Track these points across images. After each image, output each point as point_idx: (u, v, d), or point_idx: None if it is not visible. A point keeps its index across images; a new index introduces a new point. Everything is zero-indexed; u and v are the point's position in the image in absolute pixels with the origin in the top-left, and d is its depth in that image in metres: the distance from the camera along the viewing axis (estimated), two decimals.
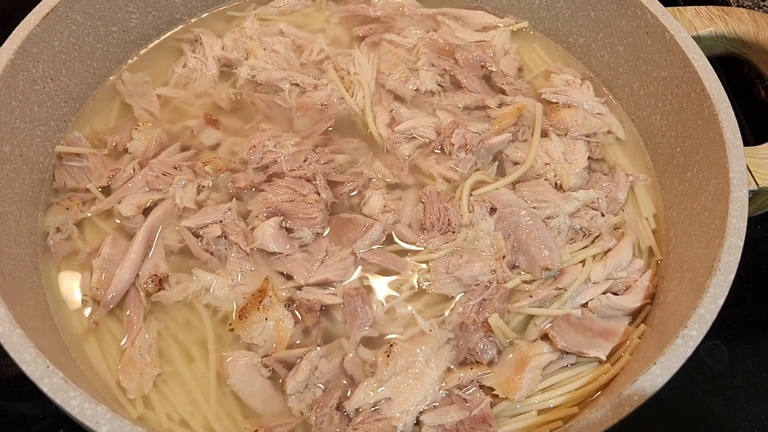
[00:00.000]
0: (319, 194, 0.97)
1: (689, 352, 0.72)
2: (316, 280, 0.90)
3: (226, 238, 0.93)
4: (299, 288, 0.90)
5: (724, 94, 0.91)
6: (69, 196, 0.98)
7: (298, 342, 0.87)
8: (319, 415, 0.80)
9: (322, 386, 0.83)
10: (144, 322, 0.88)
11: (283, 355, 0.84)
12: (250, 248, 0.92)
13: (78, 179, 1.00)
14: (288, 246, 0.93)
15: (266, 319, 0.85)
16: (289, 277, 0.91)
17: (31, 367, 0.68)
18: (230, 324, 0.87)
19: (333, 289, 0.91)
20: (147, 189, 0.99)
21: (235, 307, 0.88)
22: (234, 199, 0.97)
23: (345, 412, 0.81)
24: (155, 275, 0.91)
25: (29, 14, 0.97)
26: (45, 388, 0.67)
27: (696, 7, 1.06)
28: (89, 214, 0.96)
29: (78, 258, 0.93)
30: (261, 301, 0.85)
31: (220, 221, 0.94)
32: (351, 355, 0.85)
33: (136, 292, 0.90)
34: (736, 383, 0.98)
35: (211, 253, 0.93)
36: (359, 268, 0.93)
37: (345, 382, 0.84)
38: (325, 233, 0.96)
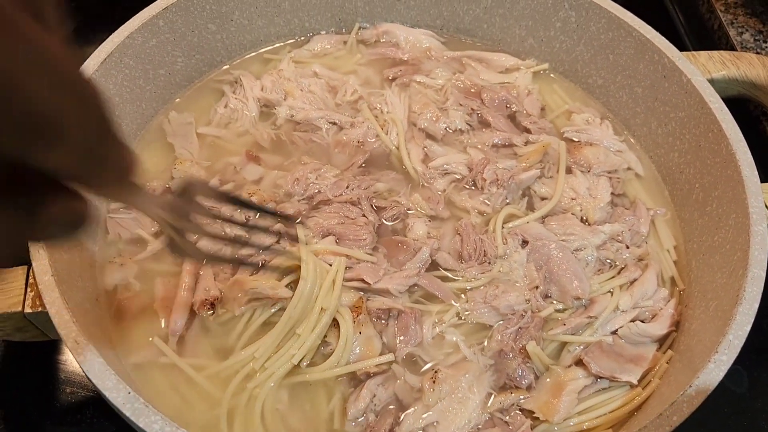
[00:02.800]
0: (366, 217, 1.03)
1: (721, 375, 0.78)
2: (381, 286, 0.96)
3: None
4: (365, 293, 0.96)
5: (740, 134, 0.98)
6: (119, 252, 1.02)
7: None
8: None
9: (375, 412, 0.88)
10: None
11: (373, 371, 0.90)
12: None
13: (131, 228, 1.04)
14: (347, 260, 0.99)
15: (360, 333, 0.91)
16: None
17: (113, 393, 0.72)
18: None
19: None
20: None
21: None
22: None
23: None
24: (206, 299, 0.95)
25: (88, 59, 1.03)
26: (128, 413, 0.71)
27: (709, 52, 1.14)
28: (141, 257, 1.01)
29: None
30: (357, 316, 0.91)
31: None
32: (400, 381, 0.90)
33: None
34: (757, 406, 1.04)
35: None
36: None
37: (392, 407, 0.89)
38: (381, 253, 1.01)
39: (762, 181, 0.99)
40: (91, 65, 1.02)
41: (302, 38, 1.33)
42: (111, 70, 1.06)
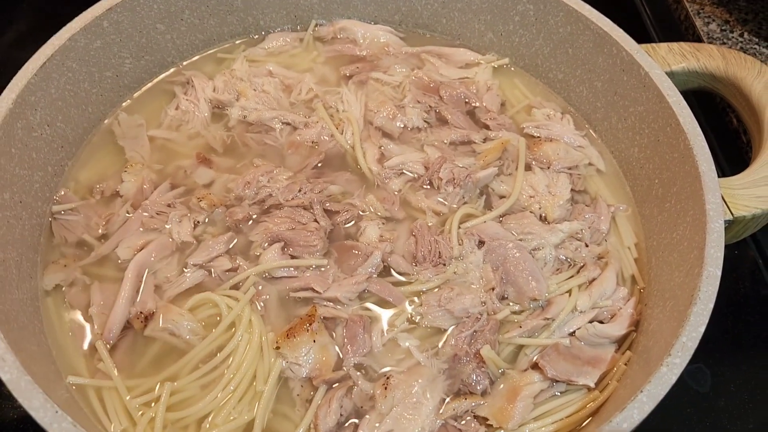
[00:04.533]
0: (317, 222, 1.01)
1: (674, 379, 0.75)
2: (330, 294, 0.94)
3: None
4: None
5: (698, 129, 0.96)
6: (63, 254, 1.00)
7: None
8: None
9: (339, 423, 0.86)
10: None
11: (329, 377, 0.88)
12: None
13: (77, 231, 1.01)
14: (294, 270, 0.97)
15: (314, 341, 0.89)
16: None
17: (40, 413, 0.70)
18: (277, 342, 0.89)
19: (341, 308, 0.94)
20: (142, 230, 1.02)
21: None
22: (230, 231, 1.01)
23: None
24: (141, 312, 0.93)
25: (27, 63, 0.99)
26: None
27: (669, 43, 1.11)
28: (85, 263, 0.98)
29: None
30: (311, 324, 0.89)
31: (227, 253, 0.98)
32: (356, 388, 0.87)
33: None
34: (720, 405, 1.02)
35: None
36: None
37: (357, 421, 0.86)
38: (332, 259, 0.99)
39: (731, 173, 0.97)
40: (29, 69, 0.99)
41: (257, 36, 1.30)
42: (52, 73, 1.02)
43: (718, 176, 0.92)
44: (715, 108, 1.36)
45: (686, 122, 0.96)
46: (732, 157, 1.29)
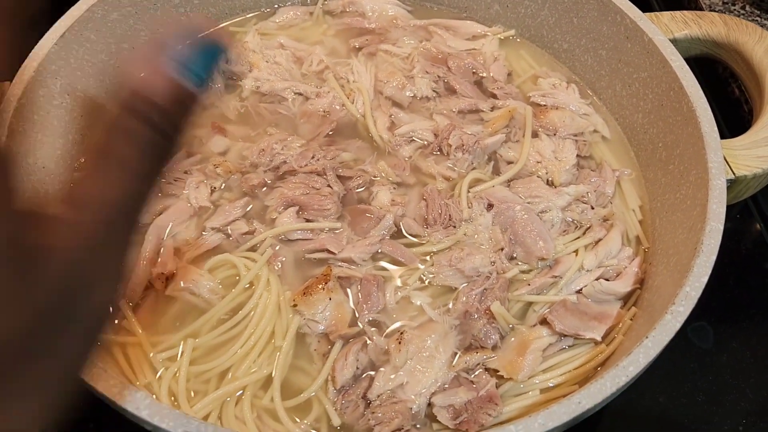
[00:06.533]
0: (331, 187, 1.03)
1: (678, 326, 0.78)
2: (345, 255, 0.97)
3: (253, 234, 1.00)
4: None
5: (701, 92, 0.99)
6: None
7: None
8: (346, 401, 0.86)
9: (355, 376, 0.89)
10: None
11: (345, 332, 0.91)
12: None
13: None
14: (309, 233, 1.00)
15: (330, 299, 0.92)
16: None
17: None
18: (294, 300, 0.93)
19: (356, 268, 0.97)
20: (161, 195, 1.05)
21: None
22: (246, 196, 1.04)
23: (368, 400, 0.87)
24: (162, 273, 0.96)
25: (47, 33, 1.02)
26: (85, 378, 0.71)
27: (671, 12, 1.14)
28: None
29: None
30: (326, 283, 0.92)
31: (243, 217, 1.01)
32: (371, 344, 0.90)
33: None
34: (722, 361, 1.05)
35: None
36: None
37: (373, 373, 0.89)
38: (346, 222, 1.02)
39: (732, 138, 1.00)
40: (50, 39, 1.01)
41: (268, 10, 1.32)
42: (71, 44, 1.05)
43: (721, 139, 0.95)
44: (718, 78, 1.38)
45: (689, 85, 0.99)
46: (734, 125, 1.31)
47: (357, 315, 0.94)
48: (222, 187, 1.06)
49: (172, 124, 0.59)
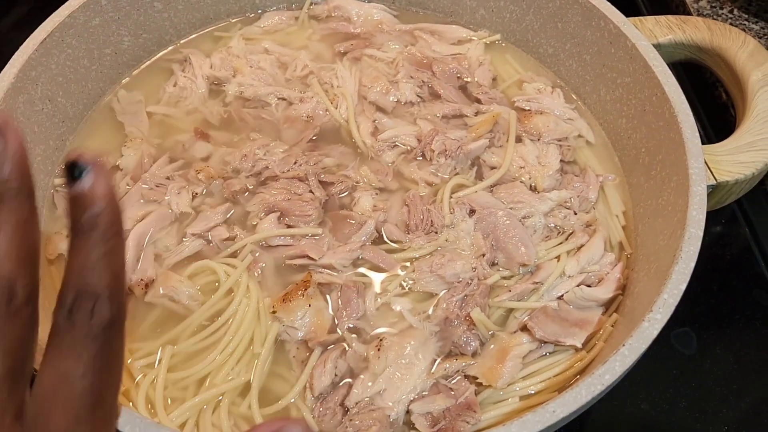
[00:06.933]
0: (313, 193, 1.03)
1: (654, 333, 0.78)
2: (325, 261, 0.97)
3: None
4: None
5: (683, 97, 0.98)
6: (65, 224, 1.02)
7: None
8: (324, 408, 0.86)
9: (333, 384, 0.89)
10: None
11: (324, 339, 0.91)
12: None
13: None
14: (290, 239, 1.00)
15: (309, 305, 0.92)
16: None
17: None
18: (273, 306, 0.92)
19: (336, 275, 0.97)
20: (142, 201, 1.04)
21: None
22: (228, 202, 1.04)
23: (346, 407, 0.86)
24: (141, 279, 0.96)
25: (27, 39, 1.02)
26: None
27: (656, 17, 1.13)
28: None
29: None
30: (306, 290, 0.92)
31: (224, 223, 1.01)
32: (350, 350, 0.90)
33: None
34: (705, 367, 1.04)
35: None
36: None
37: (348, 380, 0.89)
38: (327, 228, 1.02)
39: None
40: (29, 46, 1.01)
41: (252, 15, 1.32)
42: (52, 50, 1.05)
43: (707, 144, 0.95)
44: (705, 82, 1.38)
45: (671, 90, 0.99)
46: (721, 131, 1.31)
47: (336, 322, 0.93)
48: (203, 193, 1.06)
49: None
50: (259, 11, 1.32)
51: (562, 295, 0.97)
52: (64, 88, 1.09)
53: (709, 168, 0.95)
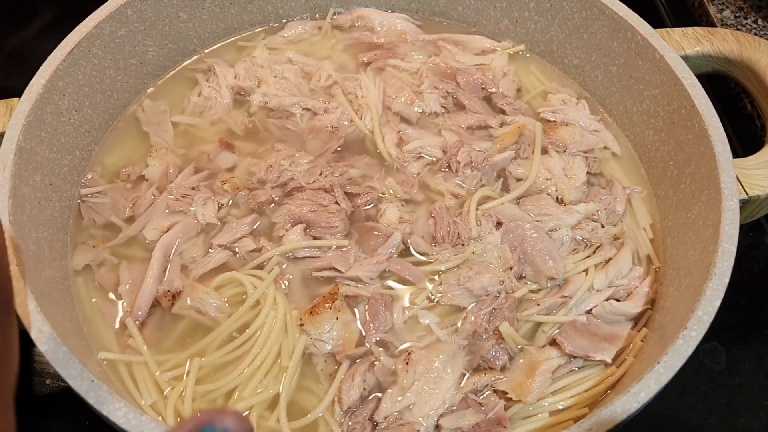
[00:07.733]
0: (338, 204, 1.03)
1: (689, 351, 0.77)
2: (352, 273, 0.96)
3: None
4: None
5: (713, 110, 0.97)
6: (92, 235, 1.03)
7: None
8: (353, 423, 0.85)
9: (362, 398, 0.88)
10: None
11: (352, 352, 0.90)
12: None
13: (104, 214, 1.04)
14: (316, 250, 1.00)
15: (336, 318, 0.91)
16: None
17: (77, 382, 0.72)
18: (301, 319, 0.92)
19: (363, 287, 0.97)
20: (168, 212, 1.04)
21: None
22: (254, 213, 1.04)
23: (375, 422, 0.86)
24: (168, 291, 0.96)
25: (55, 50, 1.02)
26: (91, 401, 0.71)
27: (683, 28, 1.13)
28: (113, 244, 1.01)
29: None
30: (333, 302, 0.91)
31: (251, 234, 1.01)
32: (378, 364, 0.90)
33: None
34: (735, 382, 1.03)
35: None
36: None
37: (380, 395, 0.88)
38: (353, 239, 1.02)
39: (745, 157, 0.98)
40: (57, 56, 1.01)
41: (276, 25, 1.32)
42: (79, 60, 1.05)
43: (733, 156, 0.94)
44: (729, 94, 1.37)
45: (701, 104, 0.98)
46: (746, 141, 1.30)
47: (364, 335, 0.93)
48: (229, 204, 1.05)
49: None
50: (283, 21, 1.32)
51: (591, 309, 0.96)
52: (90, 98, 1.09)
53: (740, 182, 0.95)
